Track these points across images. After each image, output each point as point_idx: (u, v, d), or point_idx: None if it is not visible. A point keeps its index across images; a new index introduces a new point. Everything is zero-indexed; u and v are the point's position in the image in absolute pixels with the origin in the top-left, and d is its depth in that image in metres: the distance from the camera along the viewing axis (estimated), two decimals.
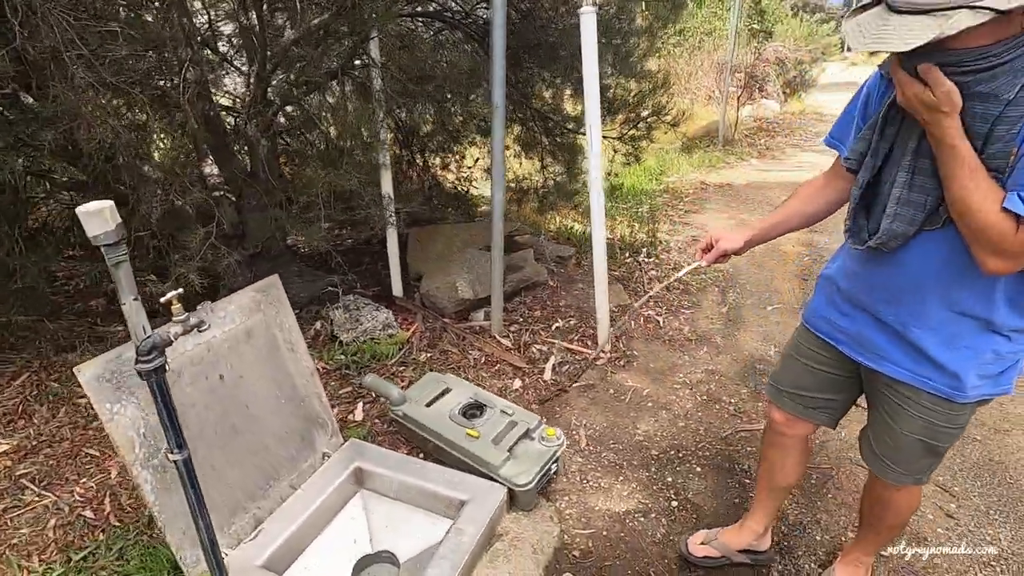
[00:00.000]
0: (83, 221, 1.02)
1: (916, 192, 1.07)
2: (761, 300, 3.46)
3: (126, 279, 1.08)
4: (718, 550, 1.72)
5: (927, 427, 1.24)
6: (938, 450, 1.28)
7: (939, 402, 1.20)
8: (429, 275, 3.33)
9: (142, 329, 1.12)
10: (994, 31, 0.90)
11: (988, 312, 1.11)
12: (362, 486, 1.97)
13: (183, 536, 1.53)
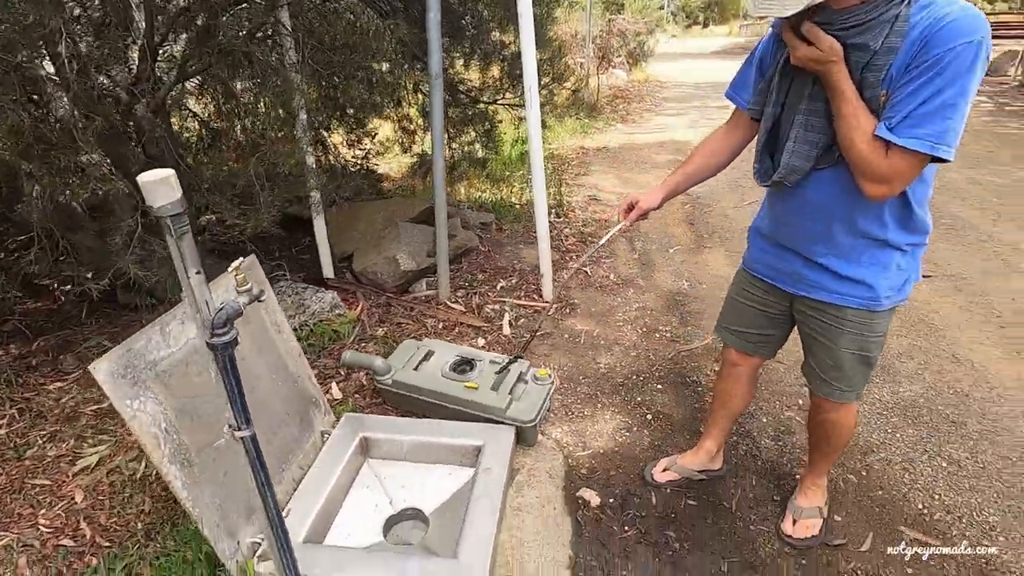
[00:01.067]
0: (147, 192, 0.96)
1: (811, 133, 1.25)
2: (663, 245, 3.91)
3: (189, 251, 1.03)
4: (678, 473, 1.90)
5: (857, 339, 1.41)
6: (870, 360, 1.44)
7: (861, 314, 1.38)
8: (361, 253, 3.28)
9: (205, 303, 1.07)
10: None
11: (884, 233, 1.30)
12: (369, 455, 1.99)
13: (218, 529, 1.47)
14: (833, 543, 1.69)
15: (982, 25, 1.06)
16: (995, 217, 4.04)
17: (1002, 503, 1.80)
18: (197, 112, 3.40)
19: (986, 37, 1.07)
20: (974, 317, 2.83)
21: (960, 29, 1.06)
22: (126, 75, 2.68)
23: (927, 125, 1.09)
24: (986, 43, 1.07)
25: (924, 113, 1.09)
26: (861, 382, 1.50)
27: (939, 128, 1.09)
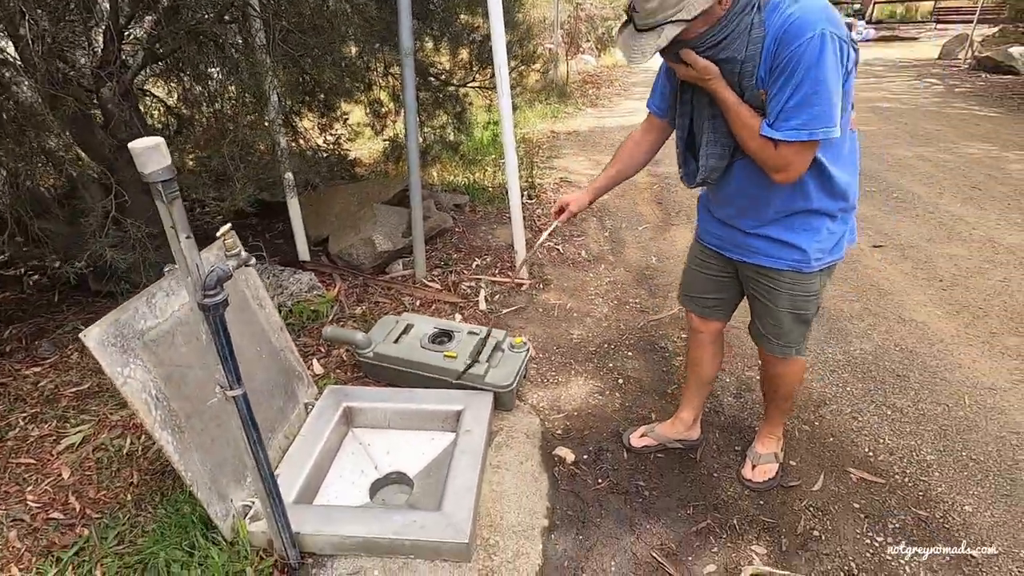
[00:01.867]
0: (138, 158, 1.02)
1: (719, 135, 1.37)
2: (632, 223, 4.04)
3: (179, 216, 1.09)
4: (655, 440, 1.97)
5: (792, 299, 1.51)
6: (805, 317, 1.55)
7: (794, 276, 1.48)
8: (337, 235, 3.31)
9: (196, 266, 1.13)
10: (705, 21, 1.20)
11: (808, 204, 1.39)
12: (353, 424, 2.06)
13: (210, 492, 1.53)
14: (788, 484, 1.83)
15: (820, 18, 1.15)
16: (940, 191, 4.28)
17: (938, 443, 1.97)
18: (163, 98, 3.36)
19: (828, 26, 1.15)
20: (919, 281, 3.03)
21: (799, 28, 1.16)
22: (91, 58, 2.65)
23: (797, 117, 1.20)
24: (829, 32, 1.15)
25: (792, 107, 1.20)
26: (799, 338, 1.60)
27: (808, 116, 1.20)
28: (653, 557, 1.61)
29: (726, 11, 1.21)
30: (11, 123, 2.27)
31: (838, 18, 1.19)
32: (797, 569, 1.56)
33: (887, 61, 11.34)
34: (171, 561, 1.49)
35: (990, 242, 3.42)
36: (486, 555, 1.56)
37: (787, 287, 1.50)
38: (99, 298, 2.85)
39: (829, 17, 1.17)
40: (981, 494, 1.77)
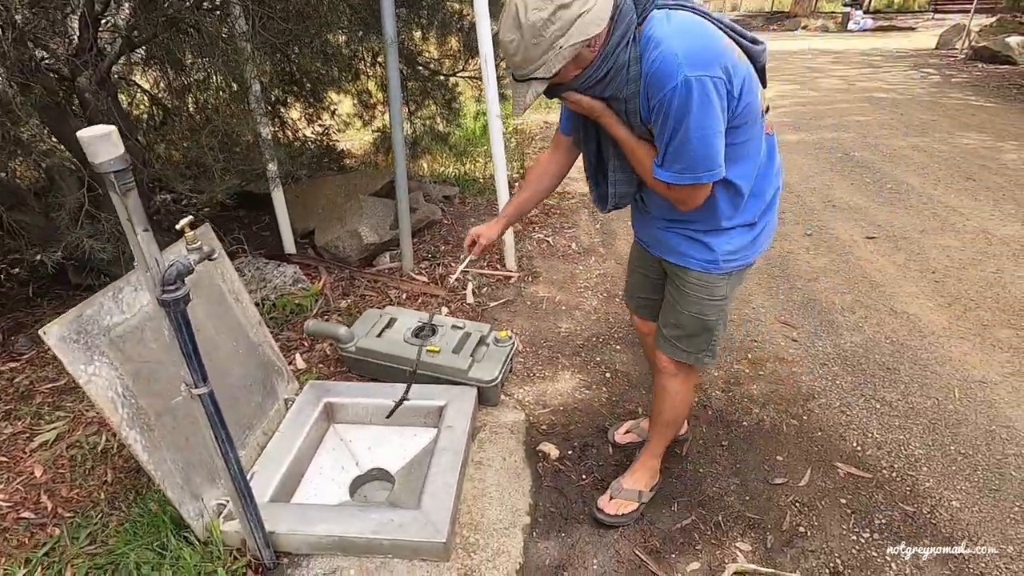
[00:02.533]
0: (88, 147, 0.97)
1: (625, 161, 1.31)
2: (623, 214, 3.98)
3: (135, 209, 1.04)
4: (641, 435, 1.93)
5: (697, 302, 1.43)
6: (708, 324, 1.46)
7: (701, 277, 1.40)
8: (323, 227, 3.26)
9: (155, 260, 1.09)
10: (577, 65, 1.15)
11: (717, 222, 1.34)
12: (334, 420, 2.02)
13: (182, 491, 1.49)
14: (774, 482, 1.81)
15: (680, 63, 1.07)
16: (935, 182, 4.25)
17: (927, 438, 1.95)
18: (146, 88, 3.29)
19: (690, 71, 1.06)
20: (911, 273, 3.00)
21: (661, 77, 1.09)
22: (67, 46, 2.59)
23: (680, 161, 1.16)
24: (694, 77, 1.06)
25: (673, 152, 1.16)
26: (700, 347, 1.49)
27: (689, 162, 1.15)
28: (636, 555, 1.58)
29: (599, 51, 1.14)
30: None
31: (704, 51, 1.10)
32: (782, 566, 1.54)
33: (884, 51, 11.27)
34: (141, 563, 1.46)
35: (984, 233, 3.39)
36: (465, 554, 1.53)
37: (693, 288, 1.43)
38: (79, 292, 2.80)
39: (691, 57, 1.08)
40: (969, 489, 1.75)
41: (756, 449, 1.94)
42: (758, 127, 1.26)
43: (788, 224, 3.66)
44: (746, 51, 1.20)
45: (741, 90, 1.15)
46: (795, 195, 4.13)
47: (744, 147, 1.25)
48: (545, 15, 1.07)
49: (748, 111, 1.19)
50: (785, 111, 6.71)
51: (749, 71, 1.18)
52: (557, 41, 1.09)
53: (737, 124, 1.19)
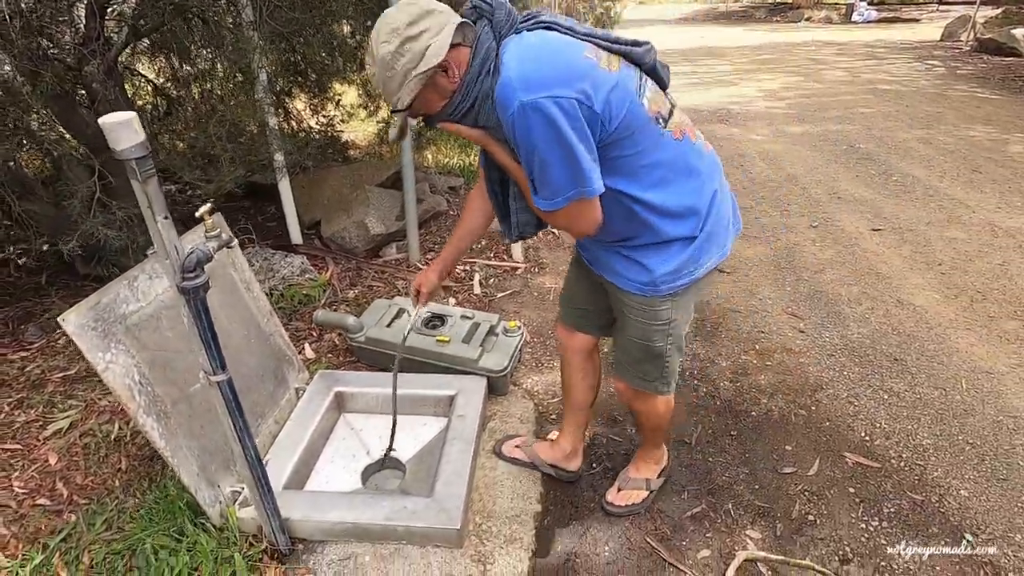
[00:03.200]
0: (110, 134, 0.97)
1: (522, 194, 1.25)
2: None
3: (155, 196, 1.04)
4: (528, 456, 1.79)
5: (640, 327, 1.33)
6: (654, 350, 1.35)
7: (642, 301, 1.29)
8: (329, 218, 3.26)
9: (174, 247, 1.09)
10: (439, 95, 1.12)
11: (653, 236, 1.23)
12: (344, 409, 2.04)
13: (198, 478, 1.50)
14: (783, 471, 1.82)
15: (516, 89, 1.01)
16: (941, 174, 4.24)
17: (935, 428, 1.96)
18: (151, 78, 3.28)
19: (524, 95, 1.00)
20: (918, 265, 3.00)
21: (502, 106, 1.04)
22: (73, 34, 2.58)
23: (548, 186, 1.09)
24: (530, 101, 1.00)
25: (537, 178, 1.10)
26: (655, 374, 1.40)
27: (557, 186, 1.08)
28: (647, 542, 1.59)
29: (460, 81, 1.10)
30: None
31: (540, 73, 1.02)
32: (792, 554, 1.55)
33: (889, 43, 11.21)
34: (159, 547, 1.47)
35: (990, 226, 3.39)
36: (478, 541, 1.55)
37: (635, 312, 1.32)
38: (87, 282, 2.81)
39: (525, 81, 1.01)
40: (977, 478, 1.76)
41: (765, 439, 1.95)
42: (653, 135, 1.14)
43: (794, 216, 3.66)
44: (624, 56, 1.13)
45: (608, 102, 1.06)
46: (800, 187, 4.12)
47: (638, 159, 1.14)
48: (392, 48, 1.06)
49: (630, 121, 1.10)
50: (789, 103, 6.68)
51: (622, 79, 1.09)
52: (409, 74, 1.07)
53: (618, 137, 1.10)
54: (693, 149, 1.23)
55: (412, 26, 1.05)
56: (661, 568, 1.53)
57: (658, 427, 1.62)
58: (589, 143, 1.06)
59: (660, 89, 1.20)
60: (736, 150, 5.02)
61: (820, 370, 2.27)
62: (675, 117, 1.19)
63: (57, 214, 2.64)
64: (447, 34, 1.06)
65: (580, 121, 1.03)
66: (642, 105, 1.12)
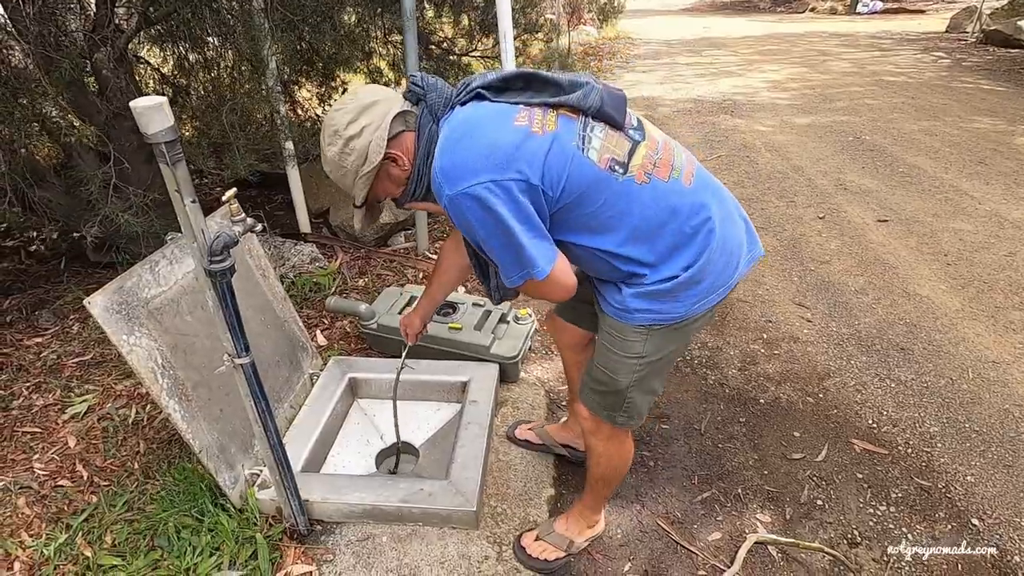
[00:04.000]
0: (141, 118, 0.98)
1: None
2: None
3: (184, 180, 1.06)
4: (541, 438, 1.80)
5: (606, 354, 1.22)
6: (616, 384, 1.22)
7: (615, 325, 1.19)
8: (338, 206, 3.27)
9: (201, 231, 1.11)
10: (394, 183, 1.12)
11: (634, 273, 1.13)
12: (358, 395, 2.06)
13: (218, 460, 1.53)
14: (792, 457, 1.85)
15: (442, 183, 1.00)
16: (946, 166, 4.24)
17: (941, 415, 1.98)
18: (158, 66, 3.28)
19: (453, 190, 0.98)
20: (924, 256, 3.01)
21: (437, 197, 1.04)
22: (83, 21, 2.58)
23: (505, 267, 1.06)
24: (458, 193, 0.98)
25: (496, 260, 1.07)
26: (610, 405, 1.27)
27: (513, 266, 1.04)
28: (659, 525, 1.62)
29: (411, 165, 1.10)
30: (3, 87, 2.21)
31: (463, 163, 0.99)
32: (801, 537, 1.58)
33: (894, 34, 11.15)
34: (180, 527, 1.50)
35: (996, 217, 3.40)
36: (494, 523, 1.58)
37: (606, 337, 1.22)
38: (99, 269, 2.83)
39: (449, 173, 0.99)
40: (983, 465, 1.79)
41: (773, 426, 1.97)
42: (610, 186, 1.05)
43: (800, 207, 3.67)
44: (565, 106, 1.05)
45: (545, 171, 1.00)
46: (806, 178, 4.13)
47: (602, 211, 1.06)
48: (337, 150, 1.08)
49: (576, 181, 1.03)
50: (795, 94, 6.66)
51: (558, 138, 1.02)
52: (359, 170, 1.08)
53: (568, 200, 1.04)
54: (664, 188, 1.08)
55: (352, 124, 1.06)
56: (673, 550, 1.56)
57: (607, 478, 1.43)
58: (531, 222, 1.02)
59: (616, 128, 1.08)
60: (742, 141, 5.02)
61: (827, 359, 2.29)
62: (637, 157, 1.07)
63: (69, 201, 2.65)
64: (385, 127, 1.06)
65: (517, 202, 0.99)
66: (587, 160, 1.03)
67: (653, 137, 1.12)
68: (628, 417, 1.29)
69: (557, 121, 1.04)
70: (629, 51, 10.38)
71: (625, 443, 1.39)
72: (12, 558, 1.48)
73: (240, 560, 1.43)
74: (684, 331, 1.19)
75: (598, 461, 1.40)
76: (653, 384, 1.26)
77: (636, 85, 7.50)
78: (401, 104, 1.09)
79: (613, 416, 1.28)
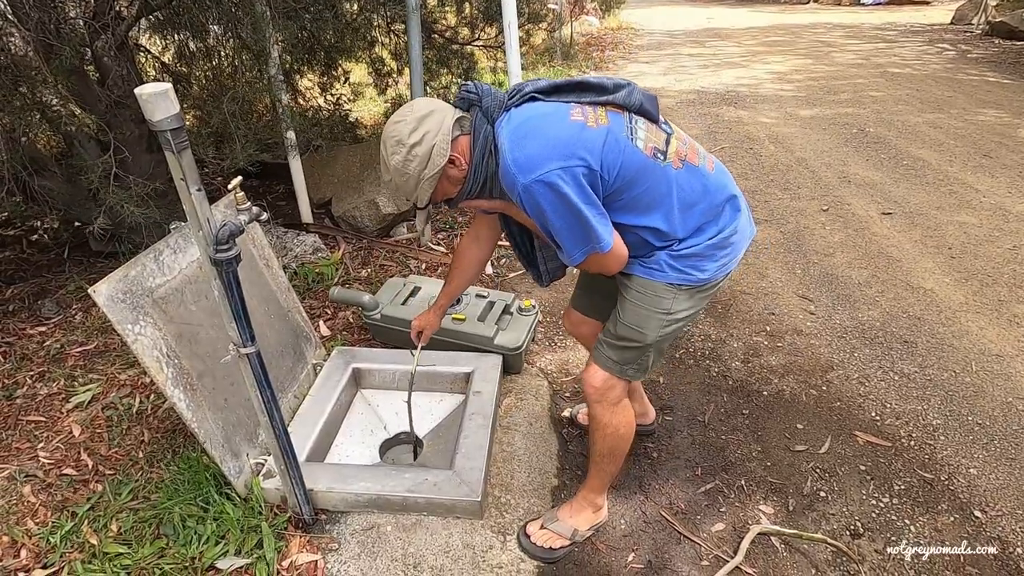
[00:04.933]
0: (146, 105, 0.97)
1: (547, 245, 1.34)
2: None
3: (189, 167, 1.05)
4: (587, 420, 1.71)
5: (636, 312, 1.29)
6: (644, 339, 1.29)
7: (646, 284, 1.27)
8: (340, 197, 3.26)
9: (207, 220, 1.10)
10: (452, 183, 1.22)
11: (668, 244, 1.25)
12: (362, 386, 2.06)
13: (223, 449, 1.53)
14: (795, 449, 1.85)
15: (516, 173, 1.10)
16: (951, 158, 4.22)
17: (944, 408, 1.98)
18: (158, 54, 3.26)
19: (527, 179, 1.08)
20: (928, 249, 3.01)
21: (509, 188, 1.14)
22: (84, 8, 2.55)
23: (573, 244, 1.16)
24: (531, 182, 1.08)
25: (559, 243, 1.18)
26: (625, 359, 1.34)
27: (570, 246, 1.16)
28: (663, 516, 1.63)
29: (468, 167, 1.21)
30: (4, 75, 2.19)
31: (535, 154, 1.10)
32: (804, 528, 1.58)
33: (898, 25, 11.06)
34: (186, 516, 1.50)
35: (1000, 210, 3.39)
36: (498, 513, 1.58)
37: (635, 296, 1.29)
38: (101, 258, 2.82)
39: (522, 164, 1.10)
40: (986, 458, 1.79)
41: (776, 418, 1.98)
42: (655, 170, 1.18)
43: (804, 199, 3.65)
44: (612, 104, 1.19)
45: (603, 158, 1.12)
46: (810, 170, 4.11)
47: (646, 194, 1.19)
48: (401, 157, 1.18)
49: (628, 167, 1.15)
50: (799, 85, 6.62)
51: (611, 131, 1.14)
52: (421, 175, 1.18)
53: (622, 184, 1.16)
54: (696, 172, 1.25)
55: (414, 133, 1.16)
56: (676, 541, 1.57)
57: (613, 451, 1.45)
58: (594, 204, 1.14)
59: (652, 122, 1.23)
60: (745, 133, 4.99)
61: (831, 351, 2.29)
62: (672, 146, 1.22)
63: (70, 190, 2.64)
64: (446, 131, 1.17)
65: (582, 186, 1.11)
66: (636, 148, 1.17)
67: (679, 132, 1.28)
68: (638, 370, 1.37)
69: (607, 116, 1.17)
70: (632, 41, 10.31)
71: (628, 411, 1.44)
72: (18, 545, 1.49)
73: (245, 548, 1.44)
74: (704, 295, 1.32)
75: (604, 433, 1.43)
76: (667, 343, 1.37)
77: (639, 76, 7.45)
78: (455, 111, 1.21)
79: (625, 370, 1.36)
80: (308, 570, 1.42)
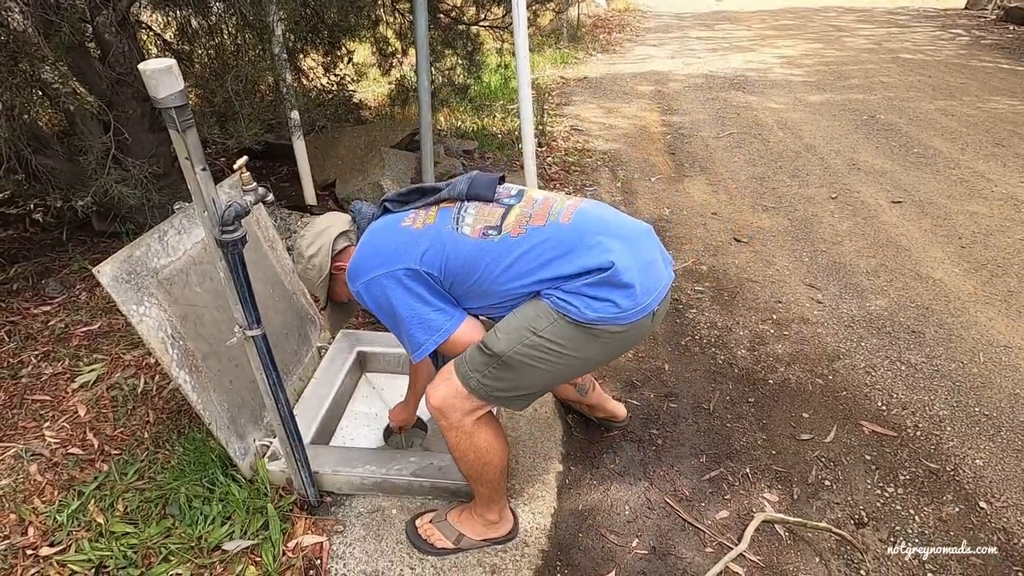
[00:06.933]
0: (150, 81, 0.95)
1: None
2: (644, 173, 3.94)
3: (194, 146, 1.03)
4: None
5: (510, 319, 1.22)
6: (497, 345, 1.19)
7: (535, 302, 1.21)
8: (344, 179, 3.23)
9: (212, 200, 1.08)
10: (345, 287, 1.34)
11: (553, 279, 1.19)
12: (366, 369, 2.06)
13: (228, 431, 1.53)
14: (801, 437, 1.85)
15: (350, 278, 1.27)
16: (963, 147, 4.17)
17: (951, 399, 1.98)
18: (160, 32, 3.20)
19: (362, 282, 1.24)
20: (937, 238, 2.98)
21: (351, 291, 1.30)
22: None
23: (404, 342, 1.28)
24: (363, 283, 1.24)
25: (400, 340, 1.30)
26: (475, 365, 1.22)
27: (409, 340, 1.26)
28: (667, 502, 1.63)
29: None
30: (2, 51, 2.16)
31: (365, 261, 1.25)
32: (809, 516, 1.59)
33: (911, 10, 10.87)
34: (192, 497, 1.51)
35: (1012, 200, 3.35)
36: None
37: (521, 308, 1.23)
38: (104, 238, 2.81)
39: (354, 271, 1.27)
40: (993, 449, 1.78)
41: (782, 406, 1.97)
42: (489, 249, 1.20)
43: (812, 187, 3.61)
44: (441, 200, 1.28)
45: (423, 259, 1.21)
46: (819, 157, 4.06)
47: (490, 270, 1.20)
48: (303, 266, 1.40)
49: (455, 259, 1.22)
50: (808, 70, 6.53)
51: (435, 229, 1.23)
52: (316, 281, 1.39)
53: (456, 275, 1.22)
54: (542, 231, 1.21)
55: (311, 247, 1.38)
56: (680, 527, 1.57)
57: (473, 476, 1.35)
58: (424, 300, 1.23)
59: (487, 203, 1.27)
60: (754, 119, 4.93)
61: (837, 341, 2.27)
62: (511, 216, 1.25)
63: (72, 169, 2.61)
64: (328, 247, 1.37)
65: (407, 287, 1.22)
66: (463, 236, 1.23)
67: (531, 198, 1.30)
68: (479, 382, 1.22)
69: (436, 215, 1.27)
70: (639, 24, 10.16)
71: (474, 436, 1.28)
72: (26, 523, 1.50)
73: (251, 530, 1.44)
74: (588, 339, 1.19)
75: (459, 457, 1.32)
76: (522, 371, 1.21)
77: (646, 60, 7.35)
78: (345, 226, 1.40)
79: (469, 375, 1.22)
80: (313, 552, 1.42)
